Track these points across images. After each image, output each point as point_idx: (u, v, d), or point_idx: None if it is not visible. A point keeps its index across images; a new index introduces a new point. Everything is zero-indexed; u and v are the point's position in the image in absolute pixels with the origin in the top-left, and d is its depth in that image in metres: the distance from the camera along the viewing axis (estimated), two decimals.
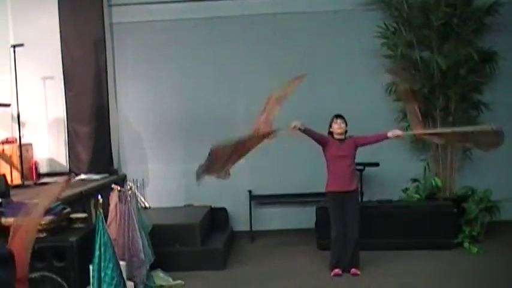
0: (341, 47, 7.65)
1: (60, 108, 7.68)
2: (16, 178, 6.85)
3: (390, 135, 5.74)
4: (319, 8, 7.65)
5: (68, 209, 5.33)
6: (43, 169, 7.68)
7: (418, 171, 7.40)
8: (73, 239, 4.88)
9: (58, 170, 7.67)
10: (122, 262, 4.97)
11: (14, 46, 6.87)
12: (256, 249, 7.14)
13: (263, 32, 7.76)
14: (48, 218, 4.86)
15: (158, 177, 7.86)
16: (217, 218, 7.50)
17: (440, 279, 5.55)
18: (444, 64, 6.99)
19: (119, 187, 5.55)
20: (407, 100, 5.96)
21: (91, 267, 4.59)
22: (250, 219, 7.56)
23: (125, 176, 7.73)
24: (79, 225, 5.27)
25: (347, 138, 5.87)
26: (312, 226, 7.05)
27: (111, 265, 4.39)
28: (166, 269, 5.88)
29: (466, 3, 7.12)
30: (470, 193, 6.97)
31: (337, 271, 5.80)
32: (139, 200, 6.29)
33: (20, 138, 6.95)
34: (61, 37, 7.51)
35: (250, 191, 7.63)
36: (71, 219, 5.32)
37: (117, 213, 5.39)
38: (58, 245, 4.79)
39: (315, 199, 7.03)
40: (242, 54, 7.73)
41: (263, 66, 7.69)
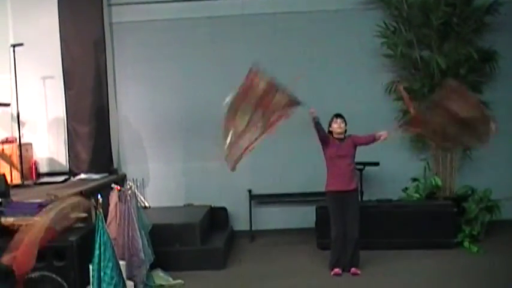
0: (341, 46, 7.65)
1: (60, 107, 7.69)
2: (16, 178, 6.87)
3: (377, 137, 5.74)
4: (319, 7, 7.66)
5: None
6: (43, 169, 7.69)
7: (418, 170, 7.39)
8: (73, 239, 4.90)
9: (58, 170, 7.68)
10: (122, 262, 4.97)
11: (14, 46, 6.89)
12: (256, 248, 7.14)
13: (263, 32, 7.75)
14: None
15: (158, 176, 7.86)
16: (217, 218, 7.50)
17: (440, 278, 5.55)
18: (444, 63, 6.99)
19: (119, 187, 5.55)
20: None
21: (91, 266, 4.59)
22: (250, 218, 7.56)
23: (125, 176, 7.73)
24: (79, 225, 5.27)
25: (346, 137, 5.87)
26: (312, 225, 7.05)
27: (110, 264, 4.39)
28: (166, 269, 5.88)
29: (466, 2, 7.12)
30: (470, 192, 6.97)
31: (337, 270, 5.80)
32: (139, 200, 6.29)
33: (20, 137, 6.96)
34: (61, 37, 7.52)
35: (250, 191, 7.63)
36: None
37: (117, 212, 5.40)
38: (58, 245, 4.80)
39: (315, 198, 7.03)
40: (242, 53, 7.70)
41: (263, 65, 7.66)
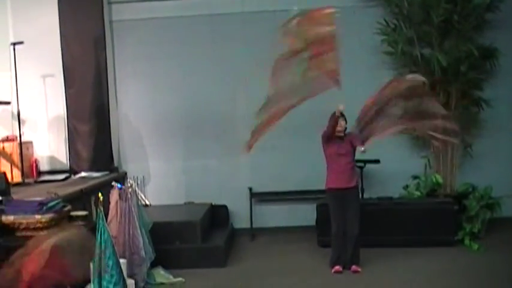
0: (341, 44, 7.61)
1: (60, 106, 7.69)
2: (16, 176, 6.87)
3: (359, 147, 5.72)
4: (319, 5, 7.62)
5: (69, 207, 5.35)
6: (43, 167, 7.69)
7: (419, 168, 7.39)
8: None
9: (58, 168, 7.69)
10: (123, 260, 4.96)
11: (14, 44, 6.89)
12: (256, 246, 7.14)
13: (263, 29, 7.72)
14: (48, 216, 4.88)
15: (158, 174, 7.86)
16: (217, 216, 7.50)
17: (440, 276, 5.54)
18: (445, 61, 6.97)
19: (118, 184, 5.54)
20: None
21: (91, 264, 4.58)
22: (250, 216, 7.56)
23: (125, 174, 7.74)
24: (79, 223, 5.28)
25: (346, 135, 5.86)
26: (313, 223, 7.04)
27: (110, 263, 4.38)
28: (166, 267, 5.88)
29: None
30: (471, 190, 6.96)
31: (337, 268, 5.80)
32: (139, 198, 6.29)
33: (20, 136, 6.96)
34: (61, 35, 7.52)
35: (250, 188, 7.63)
36: (71, 216, 5.33)
37: (117, 211, 5.39)
38: None
39: (316, 196, 7.03)
40: (242, 51, 7.71)
41: (263, 63, 7.65)
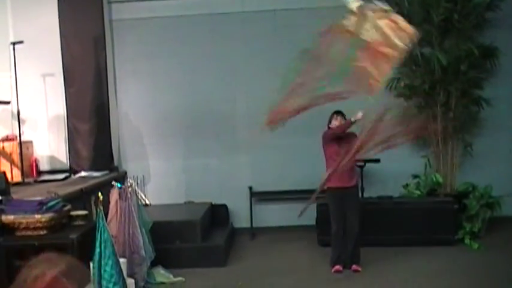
0: None
1: (60, 105, 7.68)
2: (16, 175, 6.85)
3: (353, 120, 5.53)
4: (319, 4, 7.61)
5: (69, 206, 5.33)
6: (43, 166, 7.69)
7: (419, 167, 7.38)
8: (73, 236, 4.88)
9: (58, 168, 7.68)
10: (123, 259, 4.96)
11: (14, 43, 6.87)
12: (256, 245, 7.14)
13: (263, 29, 7.74)
14: (48, 215, 4.87)
15: (158, 173, 7.86)
16: (217, 215, 7.50)
17: (441, 275, 5.54)
18: (445, 60, 6.96)
19: (118, 183, 5.53)
20: None
21: (91, 264, 4.58)
22: (250, 215, 7.56)
23: (126, 173, 7.74)
24: (79, 222, 5.27)
25: (346, 134, 5.84)
26: (313, 223, 7.03)
27: (110, 262, 4.39)
28: (167, 266, 5.89)
29: None
30: (471, 189, 6.96)
31: (338, 267, 5.80)
32: (139, 197, 6.29)
33: (20, 135, 6.94)
34: (61, 34, 7.51)
35: (250, 188, 7.63)
36: (71, 216, 5.32)
37: (117, 210, 5.39)
38: (58, 242, 4.79)
39: (316, 195, 7.01)
40: (242, 50, 7.72)
41: (263, 62, 7.67)
